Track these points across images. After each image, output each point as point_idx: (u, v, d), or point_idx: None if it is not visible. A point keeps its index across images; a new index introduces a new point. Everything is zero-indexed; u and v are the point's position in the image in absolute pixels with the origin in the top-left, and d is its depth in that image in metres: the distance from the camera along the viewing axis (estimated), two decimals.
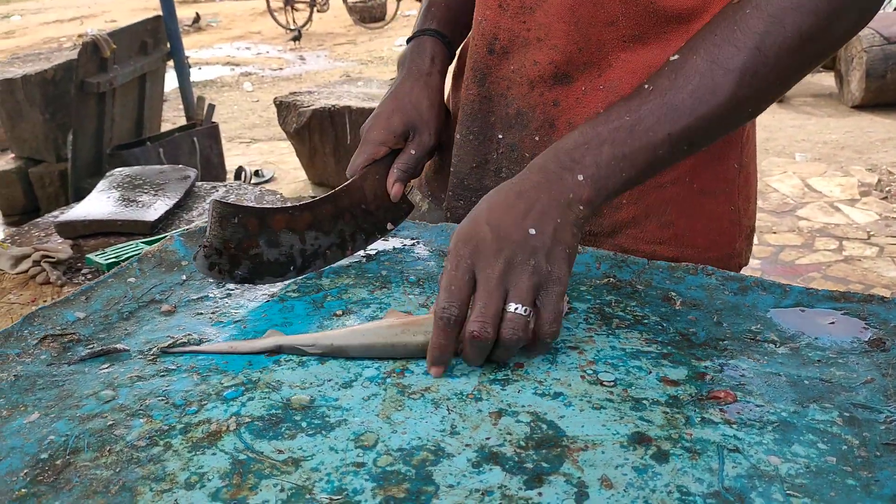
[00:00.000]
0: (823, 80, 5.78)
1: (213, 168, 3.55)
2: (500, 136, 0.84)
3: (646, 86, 0.63)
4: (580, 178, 0.61)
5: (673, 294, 0.69)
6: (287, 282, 0.75)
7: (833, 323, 0.63)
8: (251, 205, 0.72)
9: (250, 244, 0.71)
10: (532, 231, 0.59)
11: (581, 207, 0.61)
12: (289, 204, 0.77)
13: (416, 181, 1.03)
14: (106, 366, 0.61)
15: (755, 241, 3.23)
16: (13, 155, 3.91)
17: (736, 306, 0.67)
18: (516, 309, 0.56)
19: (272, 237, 0.73)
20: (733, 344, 0.61)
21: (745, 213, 0.85)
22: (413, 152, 0.83)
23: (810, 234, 3.25)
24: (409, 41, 0.90)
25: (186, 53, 4.04)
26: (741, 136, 0.81)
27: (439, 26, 0.89)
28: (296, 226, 0.75)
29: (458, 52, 0.93)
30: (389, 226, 0.83)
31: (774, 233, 3.30)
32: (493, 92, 0.83)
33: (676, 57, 0.63)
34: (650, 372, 0.57)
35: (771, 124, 4.90)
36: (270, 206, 0.75)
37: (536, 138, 0.81)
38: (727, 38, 0.62)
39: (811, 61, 0.63)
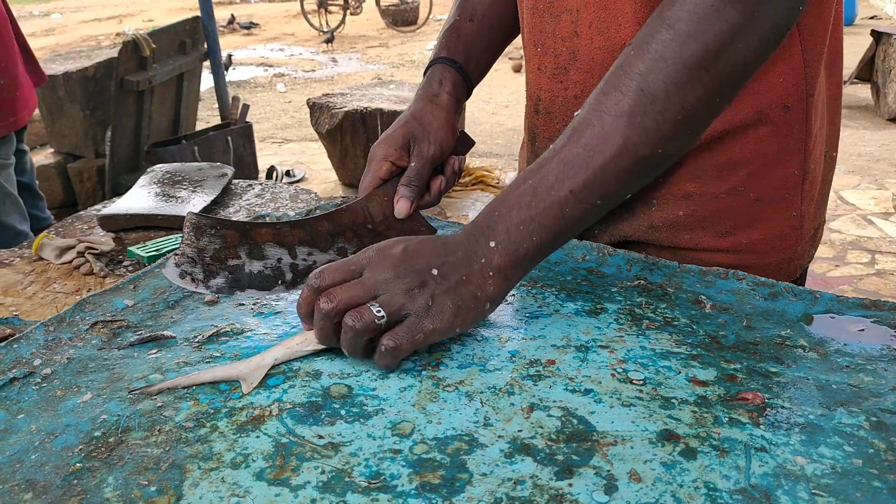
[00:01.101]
0: (859, 91, 5.70)
1: (245, 167, 3.61)
2: None
3: (551, 147, 0.64)
4: (492, 244, 0.62)
5: (703, 297, 0.70)
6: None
7: (863, 330, 0.63)
8: (231, 219, 0.70)
9: (228, 255, 0.70)
10: (434, 272, 0.60)
11: (492, 274, 0.61)
12: (295, 216, 0.76)
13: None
14: (154, 351, 0.64)
15: None
16: (53, 150, 4.01)
17: (766, 311, 0.67)
18: (374, 308, 0.58)
19: (255, 249, 0.72)
20: (762, 348, 0.62)
21: (808, 216, 0.83)
22: (413, 163, 0.82)
23: (842, 247, 3.22)
24: (424, 74, 0.92)
25: (230, 52, 4.10)
26: (803, 143, 0.79)
27: (450, 54, 0.89)
28: (284, 240, 0.73)
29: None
30: None
31: None
32: (541, 150, 0.85)
33: (578, 112, 0.64)
34: (679, 372, 0.58)
35: None
36: (254, 220, 0.73)
37: None
38: (614, 85, 0.61)
39: (717, 88, 0.60)
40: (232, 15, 11.42)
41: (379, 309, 0.58)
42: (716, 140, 0.78)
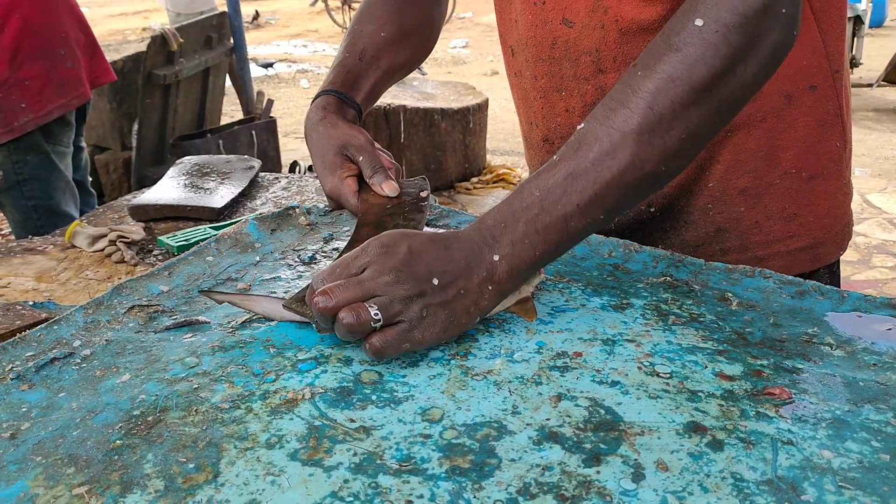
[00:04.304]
0: (887, 94, 5.63)
1: (269, 161, 3.64)
2: None
3: (555, 158, 0.65)
4: (496, 258, 0.62)
5: (729, 294, 0.70)
6: None
7: (890, 329, 0.64)
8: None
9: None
10: (434, 281, 0.60)
11: (490, 287, 0.62)
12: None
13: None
14: (189, 335, 0.65)
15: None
16: None
17: (792, 309, 0.68)
18: (372, 310, 0.59)
19: None
20: (789, 345, 0.62)
21: (849, 180, 0.89)
22: (361, 158, 0.83)
23: (867, 251, 3.18)
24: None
25: (262, 54, 4.13)
26: (839, 116, 0.83)
27: (334, 87, 0.90)
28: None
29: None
30: (423, 193, 0.84)
31: None
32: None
33: (582, 126, 0.65)
34: (706, 367, 0.59)
35: None
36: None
37: None
38: (622, 102, 0.63)
39: (719, 109, 0.63)
40: (256, 11, 11.50)
41: (377, 312, 0.59)
42: (753, 129, 0.81)
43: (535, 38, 0.86)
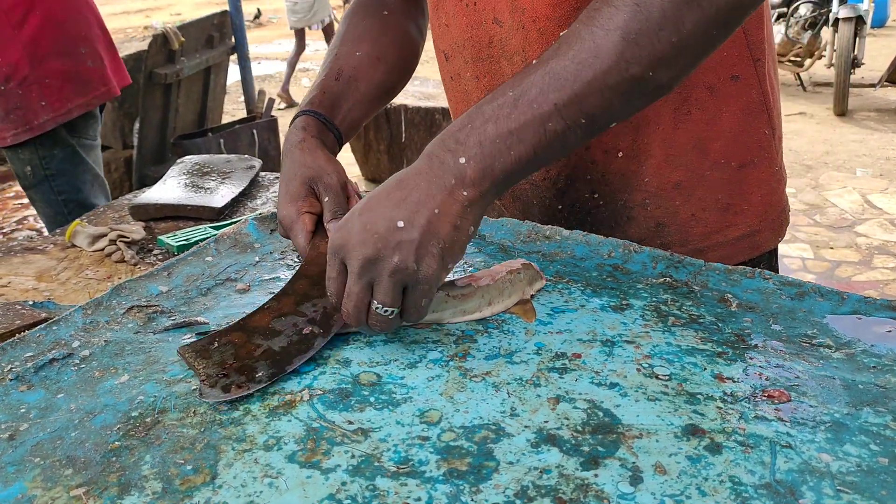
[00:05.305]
0: (889, 94, 5.63)
1: (270, 160, 3.64)
2: None
3: (534, 61, 0.62)
4: (462, 160, 0.59)
5: (729, 296, 0.70)
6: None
7: (890, 331, 0.63)
8: (219, 328, 0.65)
9: (249, 349, 0.62)
10: (400, 224, 0.57)
11: (465, 193, 0.59)
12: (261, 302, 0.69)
13: None
14: (188, 336, 0.65)
15: (811, 255, 3.16)
16: None
17: (792, 311, 0.68)
18: (377, 308, 0.59)
19: (267, 332, 0.64)
20: (788, 347, 0.62)
21: (782, 167, 0.90)
22: (327, 199, 0.78)
23: (868, 252, 3.18)
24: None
25: (263, 53, 4.14)
26: (763, 104, 0.84)
27: (312, 107, 0.87)
28: (283, 310, 0.67)
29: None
30: None
31: (831, 248, 3.24)
32: None
33: (564, 31, 0.62)
34: (705, 368, 0.59)
35: (832, 138, 4.79)
36: (241, 315, 0.67)
37: None
38: (606, 1, 0.60)
39: (713, 17, 0.59)
40: (258, 9, 11.50)
41: (379, 306, 0.59)
42: (680, 122, 0.82)
43: (472, 38, 0.86)
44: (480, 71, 0.87)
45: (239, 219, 1.22)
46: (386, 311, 0.58)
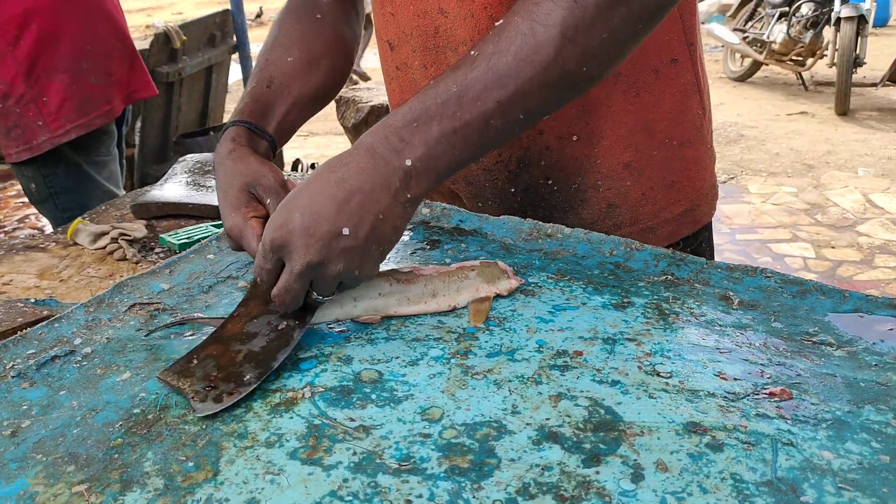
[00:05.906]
0: (891, 93, 5.62)
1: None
2: None
3: (472, 52, 0.62)
4: (408, 163, 0.60)
5: (731, 294, 0.70)
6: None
7: (892, 329, 0.63)
8: (193, 345, 0.64)
9: (230, 357, 0.61)
10: (345, 231, 0.58)
11: (409, 195, 0.60)
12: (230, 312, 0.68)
13: None
14: (189, 333, 0.65)
15: (812, 254, 3.15)
16: None
17: (794, 309, 0.68)
18: (316, 298, 0.62)
19: (243, 337, 0.64)
20: (790, 344, 0.62)
21: (712, 145, 0.95)
22: (269, 201, 0.74)
23: (870, 251, 3.18)
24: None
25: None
26: (696, 86, 0.88)
27: (243, 117, 0.85)
28: (254, 314, 0.66)
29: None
30: None
31: (833, 247, 3.24)
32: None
33: (501, 21, 0.62)
34: (706, 366, 0.59)
35: (833, 137, 4.78)
36: (211, 327, 0.66)
37: None
38: None
39: (639, 14, 0.61)
40: (260, 8, 11.50)
41: (319, 297, 0.62)
42: (629, 104, 0.84)
43: (419, 27, 0.85)
44: (428, 60, 0.87)
45: None
46: (320, 298, 0.62)
